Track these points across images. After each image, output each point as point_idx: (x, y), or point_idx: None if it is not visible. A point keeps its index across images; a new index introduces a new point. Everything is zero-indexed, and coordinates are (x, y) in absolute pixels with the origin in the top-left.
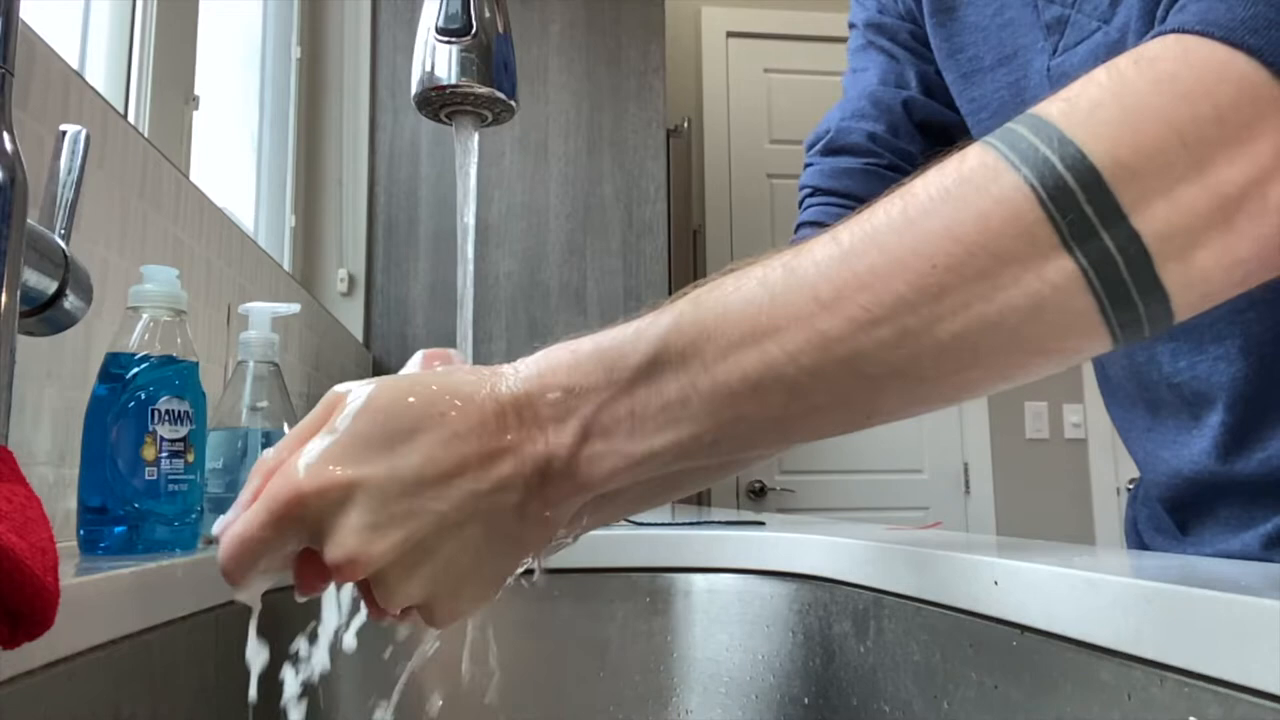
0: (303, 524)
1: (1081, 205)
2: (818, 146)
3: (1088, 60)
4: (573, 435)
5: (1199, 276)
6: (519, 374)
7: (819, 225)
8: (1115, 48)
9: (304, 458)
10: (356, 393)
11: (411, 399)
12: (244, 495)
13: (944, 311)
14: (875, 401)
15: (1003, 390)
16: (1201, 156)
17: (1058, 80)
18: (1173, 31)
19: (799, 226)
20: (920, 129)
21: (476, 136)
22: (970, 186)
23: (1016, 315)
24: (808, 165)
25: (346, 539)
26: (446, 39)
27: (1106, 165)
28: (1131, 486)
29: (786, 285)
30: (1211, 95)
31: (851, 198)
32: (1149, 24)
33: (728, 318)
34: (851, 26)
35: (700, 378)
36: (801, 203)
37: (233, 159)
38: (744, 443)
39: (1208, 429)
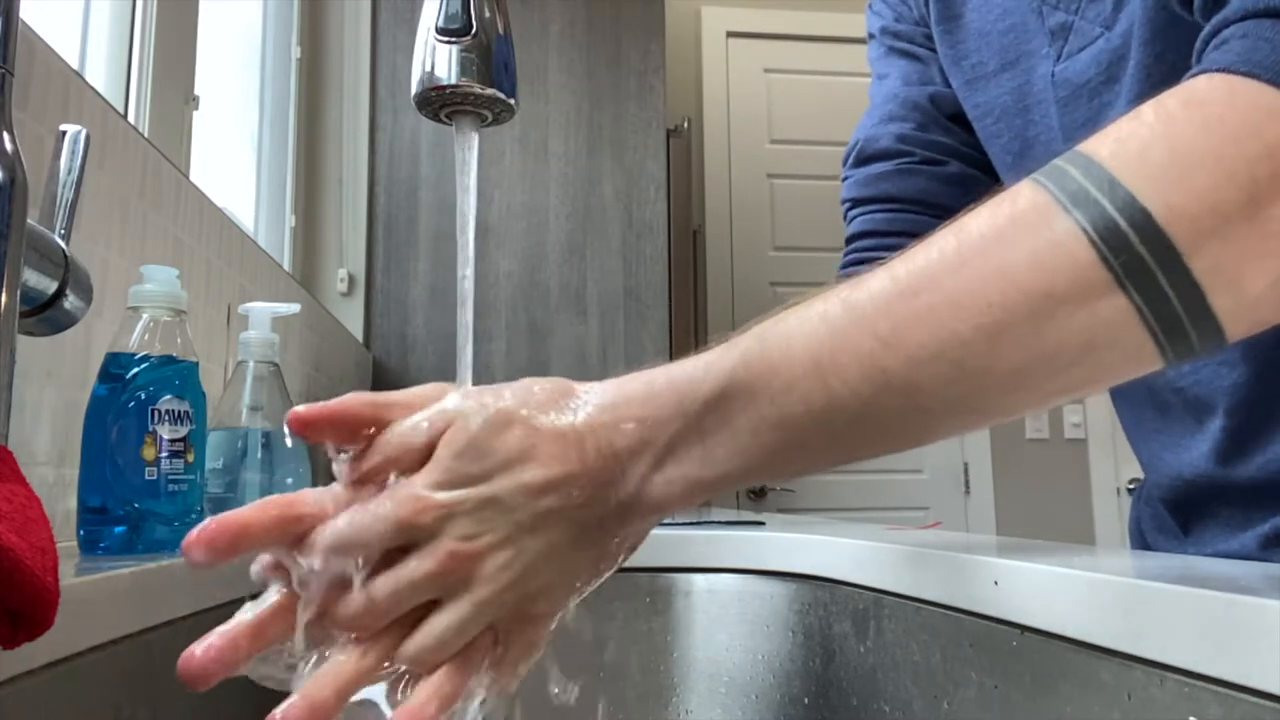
0: (414, 531)
1: (1135, 247)
2: (850, 159)
3: (1090, 67)
4: (647, 464)
5: (1250, 304)
6: (594, 403)
7: (866, 235)
8: (1116, 54)
9: (413, 488)
10: (455, 430)
11: (504, 435)
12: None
13: (1000, 349)
14: (931, 428)
15: None
16: (1253, 196)
17: (1061, 86)
18: (1219, 71)
19: (848, 240)
20: (952, 121)
21: (476, 136)
22: (1023, 228)
23: (1072, 351)
24: (844, 179)
25: (447, 540)
26: (446, 39)
27: (1159, 209)
28: (1133, 487)
29: (846, 320)
30: (1260, 136)
31: (890, 200)
32: (1151, 31)
33: (791, 352)
34: (870, 36)
35: (767, 410)
36: (846, 216)
37: (233, 159)
38: (806, 466)
39: (1209, 433)
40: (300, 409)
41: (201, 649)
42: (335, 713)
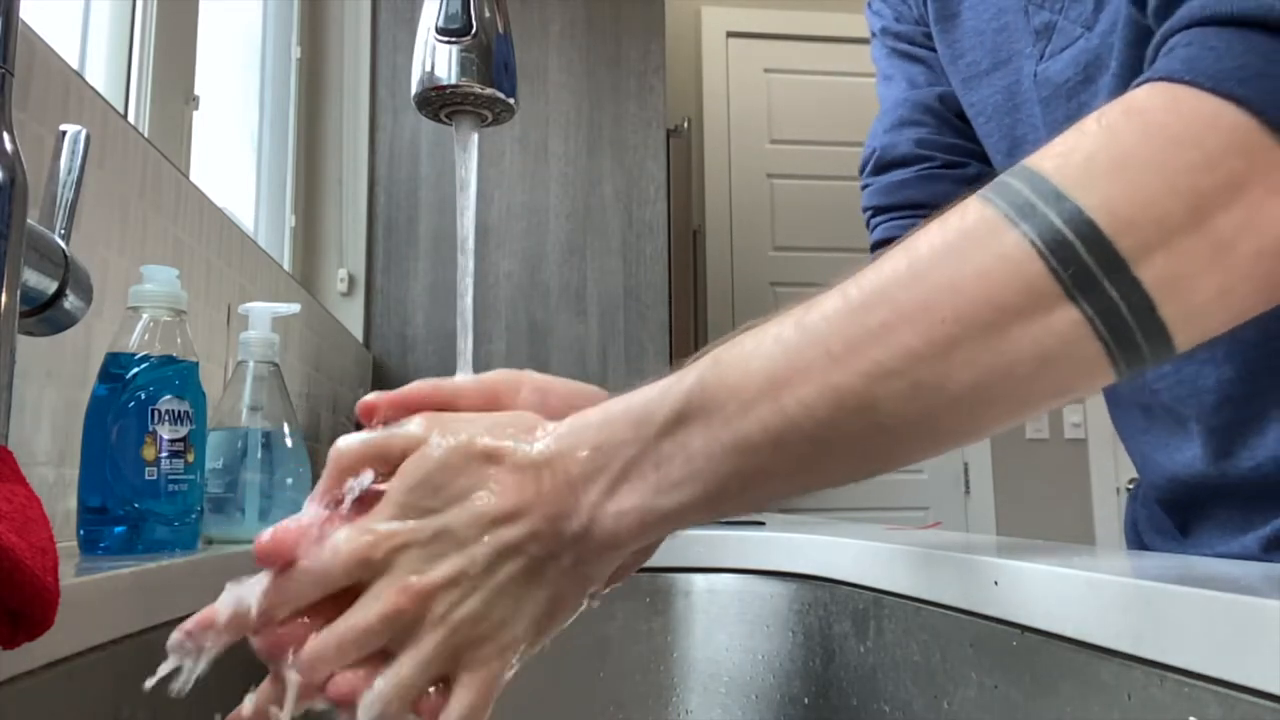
0: (365, 567)
1: (1082, 257)
2: (869, 167)
3: (1069, 67)
4: (600, 491)
5: (1198, 314)
6: (554, 433)
7: (891, 243)
8: (1094, 54)
9: (365, 522)
10: (411, 461)
11: (463, 467)
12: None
13: (955, 364)
14: (893, 449)
15: None
16: (1196, 205)
17: (1042, 85)
18: (1161, 79)
19: (872, 248)
20: (963, 120)
21: (476, 136)
22: (971, 242)
23: (1026, 364)
24: (864, 187)
25: (402, 573)
26: (446, 39)
27: (1103, 218)
28: (1131, 487)
29: (800, 341)
30: (1201, 145)
31: (915, 207)
32: (1135, 31)
33: (747, 374)
34: (872, 35)
35: (722, 432)
36: (869, 224)
37: (233, 159)
38: (768, 493)
39: (1196, 433)
40: (369, 397)
41: None
42: None
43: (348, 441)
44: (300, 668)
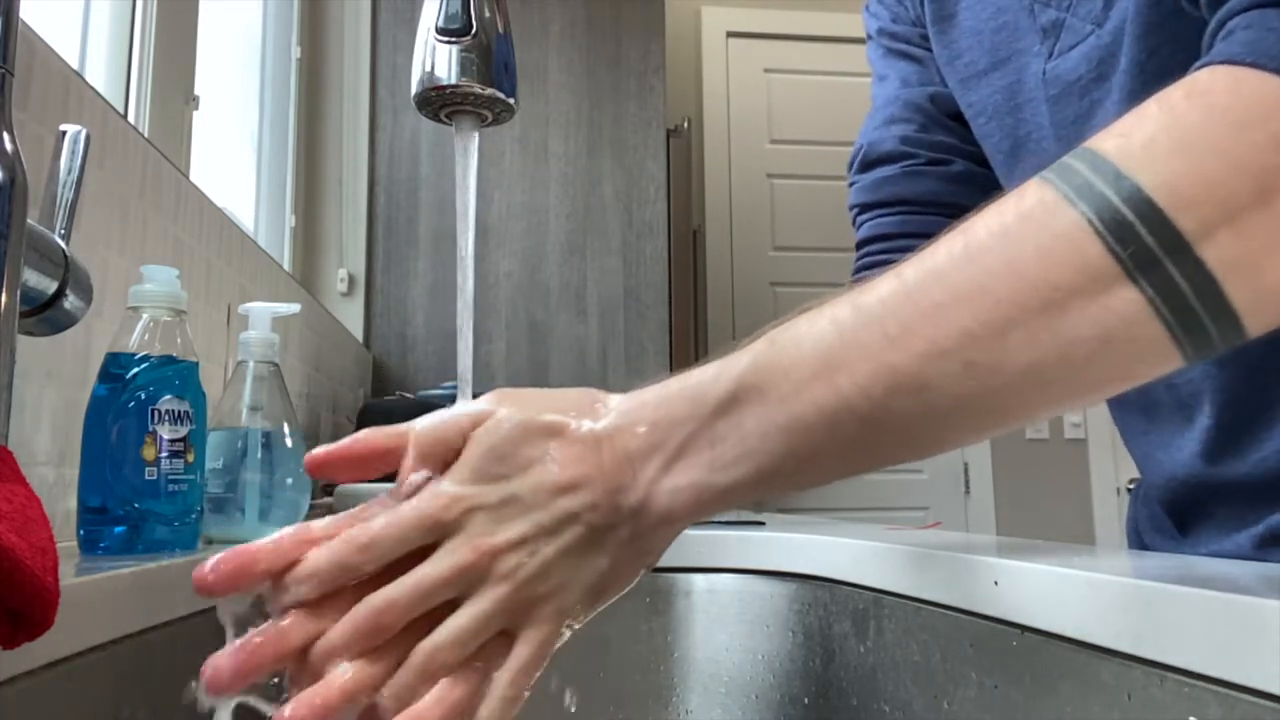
0: (438, 528)
1: (1142, 236)
2: (855, 165)
3: (1081, 64)
4: (656, 468)
5: (1270, 296)
6: (615, 409)
7: (877, 240)
8: (1107, 51)
9: (439, 485)
10: (483, 430)
11: (529, 439)
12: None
13: (1011, 345)
14: (945, 431)
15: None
16: (1263, 184)
17: (1052, 83)
18: (1223, 63)
19: (858, 246)
20: (954, 119)
21: (476, 136)
22: (1029, 223)
23: (1085, 345)
24: (850, 185)
25: (469, 535)
26: (446, 39)
27: (1164, 198)
28: (1132, 487)
29: (855, 322)
30: (1266, 125)
31: (899, 203)
32: (1144, 27)
33: (801, 355)
34: (869, 36)
35: (776, 412)
36: (854, 221)
37: (233, 159)
38: (821, 473)
39: (1197, 432)
40: (315, 451)
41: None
42: (341, 715)
43: (427, 420)
44: (371, 611)
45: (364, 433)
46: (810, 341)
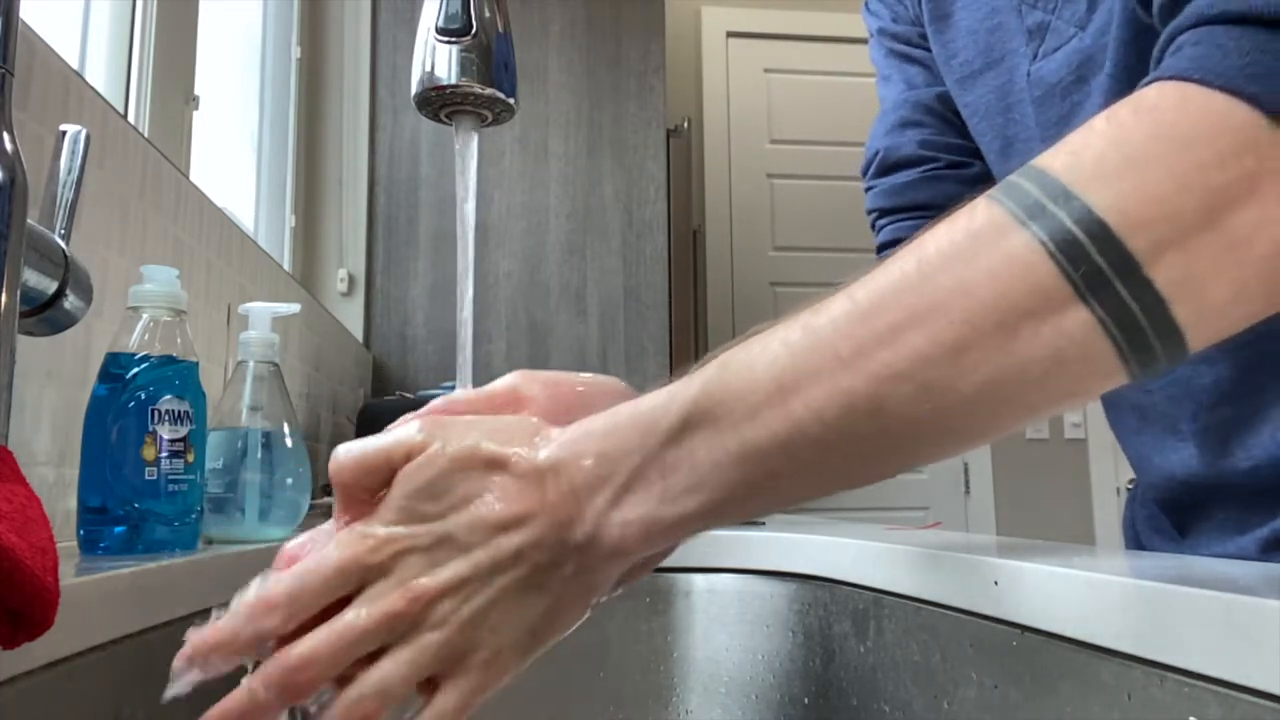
0: (363, 572)
1: (1093, 257)
2: (872, 169)
3: (1062, 67)
4: (605, 501)
5: (1213, 314)
6: (558, 440)
7: (899, 244)
8: (1087, 54)
9: (363, 526)
10: (414, 466)
11: (465, 472)
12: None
13: (965, 365)
14: (902, 453)
15: None
16: (1209, 204)
17: (1036, 85)
18: (1170, 78)
19: (879, 249)
20: (961, 119)
21: (476, 136)
22: (980, 243)
23: (1038, 365)
24: (868, 189)
25: (398, 579)
26: (446, 39)
27: (1114, 218)
28: (1131, 487)
29: (807, 344)
30: (1213, 143)
31: (921, 208)
32: (1129, 31)
33: (754, 379)
34: (870, 35)
35: (729, 439)
36: (874, 226)
37: (233, 159)
38: (776, 499)
39: (1191, 433)
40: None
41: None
42: None
43: (347, 452)
44: (291, 667)
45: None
46: (762, 365)
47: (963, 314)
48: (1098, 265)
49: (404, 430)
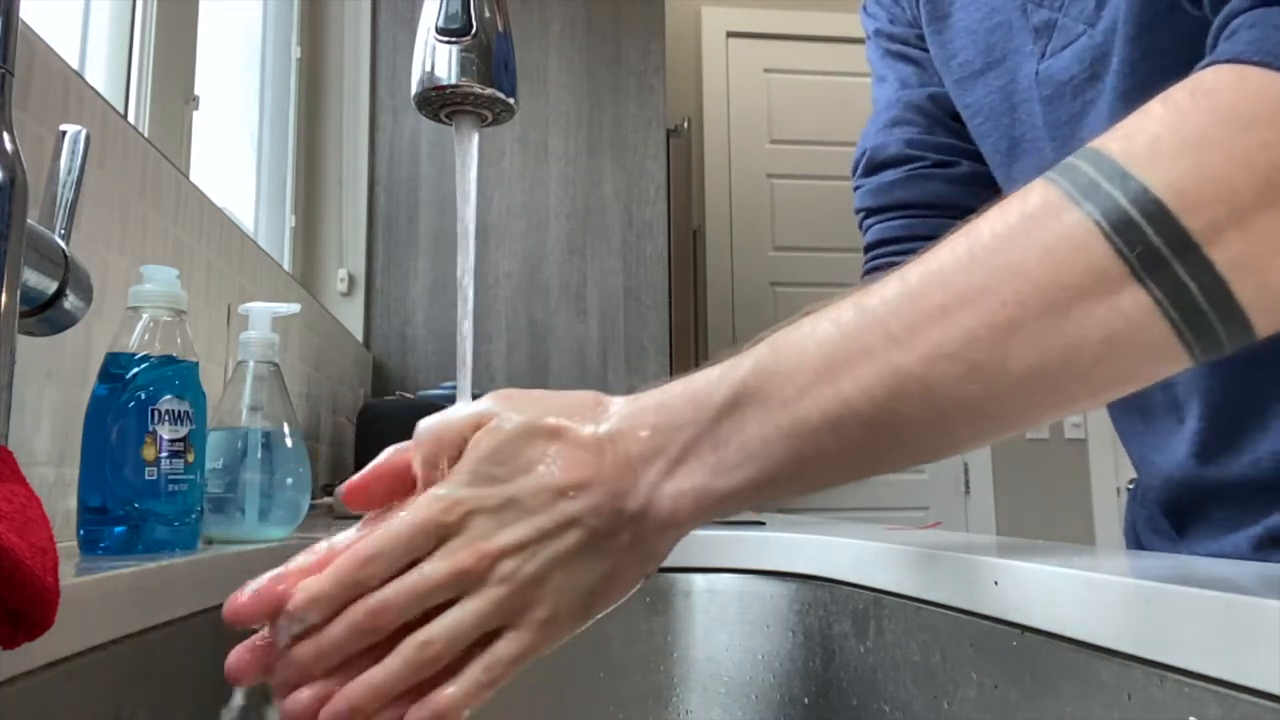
0: (438, 530)
1: (1149, 237)
2: (860, 168)
3: (1073, 64)
4: (658, 472)
5: (1277, 296)
6: (617, 412)
7: (884, 244)
8: (1099, 51)
9: (436, 489)
10: (483, 433)
11: (530, 441)
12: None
13: (1015, 346)
14: (949, 435)
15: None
16: (1271, 183)
17: (1044, 84)
18: (1227, 61)
19: (866, 249)
20: (955, 120)
21: (476, 136)
22: (1034, 223)
23: (1091, 347)
24: (856, 189)
25: (469, 538)
26: (446, 39)
27: (1170, 196)
28: (1131, 487)
29: (858, 324)
30: (1274, 122)
31: (905, 207)
32: (1137, 27)
33: (804, 357)
34: (867, 36)
35: (779, 415)
36: (861, 226)
37: (233, 159)
38: (824, 477)
39: (1188, 432)
40: (352, 481)
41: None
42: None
43: (426, 424)
44: (371, 611)
45: (387, 451)
46: (813, 344)
47: (1014, 294)
48: (1154, 245)
49: (477, 404)
